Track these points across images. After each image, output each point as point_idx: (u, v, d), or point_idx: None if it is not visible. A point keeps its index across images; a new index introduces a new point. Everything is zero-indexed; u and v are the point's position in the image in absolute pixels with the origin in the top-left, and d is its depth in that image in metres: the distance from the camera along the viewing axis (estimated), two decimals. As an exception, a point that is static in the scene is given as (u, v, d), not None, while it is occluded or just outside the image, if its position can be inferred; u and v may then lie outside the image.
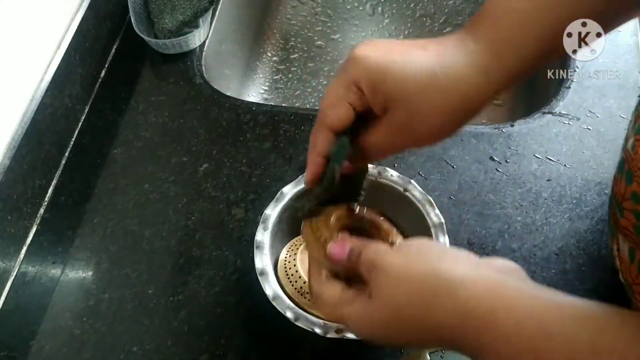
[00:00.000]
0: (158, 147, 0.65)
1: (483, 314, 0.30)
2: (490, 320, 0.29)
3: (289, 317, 0.45)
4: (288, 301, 0.47)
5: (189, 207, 0.60)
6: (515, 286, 0.31)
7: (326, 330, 0.44)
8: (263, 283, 0.47)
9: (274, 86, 0.92)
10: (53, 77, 0.61)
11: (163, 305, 0.53)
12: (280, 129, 0.65)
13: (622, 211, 0.41)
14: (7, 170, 0.55)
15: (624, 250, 0.42)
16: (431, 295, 0.31)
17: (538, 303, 0.29)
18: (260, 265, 0.48)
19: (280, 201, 0.51)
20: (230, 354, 0.50)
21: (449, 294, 0.31)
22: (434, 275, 0.32)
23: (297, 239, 0.53)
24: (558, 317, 0.28)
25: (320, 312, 0.43)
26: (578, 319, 0.28)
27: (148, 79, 0.71)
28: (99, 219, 0.60)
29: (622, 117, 0.63)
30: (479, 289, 0.30)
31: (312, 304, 0.47)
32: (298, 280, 0.49)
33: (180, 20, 0.71)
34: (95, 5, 0.69)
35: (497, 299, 0.30)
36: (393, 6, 0.96)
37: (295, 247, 0.52)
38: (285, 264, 0.50)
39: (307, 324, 0.45)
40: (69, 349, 0.52)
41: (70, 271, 0.56)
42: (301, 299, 0.48)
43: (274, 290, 0.47)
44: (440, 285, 0.31)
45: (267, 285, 0.47)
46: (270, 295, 0.46)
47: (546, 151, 0.61)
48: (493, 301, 0.30)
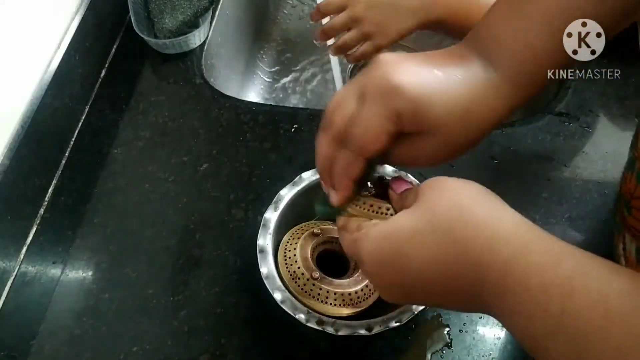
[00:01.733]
0: (158, 147, 0.65)
1: (512, 252, 0.29)
2: (522, 252, 0.29)
3: (277, 298, 0.46)
4: (279, 283, 0.47)
5: (189, 207, 0.60)
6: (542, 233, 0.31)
7: (308, 319, 0.45)
8: (260, 261, 0.48)
9: (274, 86, 0.92)
10: (53, 77, 0.61)
11: (163, 305, 0.53)
12: (280, 129, 0.65)
13: (630, 209, 0.41)
14: (7, 170, 0.55)
15: (630, 249, 0.42)
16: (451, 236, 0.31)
17: (571, 248, 0.29)
18: (262, 243, 0.49)
19: (298, 184, 0.53)
20: (230, 354, 0.50)
21: (472, 235, 0.31)
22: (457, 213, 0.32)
23: (304, 224, 0.53)
24: (591, 259, 0.28)
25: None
26: (608, 266, 0.28)
27: (148, 79, 0.71)
28: (99, 219, 0.60)
29: (622, 117, 0.63)
30: (506, 229, 0.31)
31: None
32: (294, 264, 0.49)
33: (180, 20, 0.71)
34: (95, 5, 0.69)
35: (531, 238, 0.30)
36: (393, 6, 0.96)
37: (300, 231, 0.52)
38: (285, 247, 0.51)
39: (291, 309, 0.46)
40: (69, 349, 0.52)
41: (70, 271, 0.56)
42: (292, 283, 0.48)
43: (268, 270, 0.48)
44: (467, 227, 0.31)
45: (264, 263, 0.48)
46: (264, 273, 0.48)
47: (546, 151, 0.61)
48: (526, 239, 0.30)
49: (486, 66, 0.36)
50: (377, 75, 0.35)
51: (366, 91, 0.35)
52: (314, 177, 0.53)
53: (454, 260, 0.31)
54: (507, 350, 0.49)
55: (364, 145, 0.36)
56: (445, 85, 0.35)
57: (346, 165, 0.37)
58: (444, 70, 0.36)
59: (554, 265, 0.28)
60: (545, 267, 0.28)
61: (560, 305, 0.26)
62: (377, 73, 0.35)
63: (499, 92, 0.36)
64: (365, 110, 0.35)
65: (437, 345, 0.50)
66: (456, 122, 0.35)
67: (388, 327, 0.44)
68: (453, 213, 0.32)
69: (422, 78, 0.35)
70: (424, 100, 0.34)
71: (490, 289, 0.30)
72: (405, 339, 0.50)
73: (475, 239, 0.30)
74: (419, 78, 0.35)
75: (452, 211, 0.32)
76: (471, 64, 0.36)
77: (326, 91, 0.90)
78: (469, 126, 0.36)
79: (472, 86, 0.36)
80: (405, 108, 0.34)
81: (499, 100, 0.36)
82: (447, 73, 0.36)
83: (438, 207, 0.33)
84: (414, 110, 0.34)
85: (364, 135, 0.35)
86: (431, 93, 0.34)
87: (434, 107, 0.34)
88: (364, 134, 0.35)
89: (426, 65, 0.36)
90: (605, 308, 0.25)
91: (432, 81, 0.35)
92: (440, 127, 0.35)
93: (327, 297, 0.47)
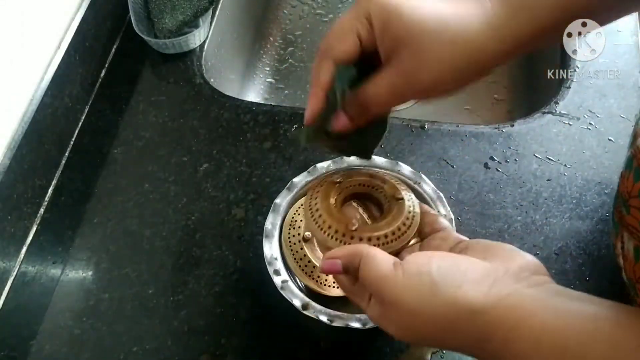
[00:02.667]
0: (158, 147, 0.65)
1: (503, 336, 0.30)
2: (510, 338, 0.30)
3: (277, 284, 0.47)
4: (280, 265, 0.48)
5: (189, 207, 0.60)
6: (532, 299, 0.31)
7: (304, 306, 0.46)
8: (265, 244, 0.49)
9: (274, 86, 0.92)
10: (53, 77, 0.61)
11: (163, 305, 0.53)
12: (280, 129, 0.65)
13: (628, 208, 0.41)
14: (7, 170, 0.55)
15: (628, 248, 0.42)
16: (450, 326, 0.31)
17: (556, 316, 0.30)
18: (269, 226, 0.50)
19: (292, 190, 0.52)
20: (230, 354, 0.50)
21: (469, 321, 0.31)
22: (453, 307, 0.31)
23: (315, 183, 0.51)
24: (573, 331, 0.29)
25: None
26: (593, 331, 0.28)
27: (148, 79, 0.71)
28: (99, 219, 0.60)
29: (622, 117, 0.63)
30: (498, 312, 0.30)
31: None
32: (297, 244, 0.49)
33: (180, 20, 0.71)
34: (95, 5, 0.69)
35: (516, 319, 0.30)
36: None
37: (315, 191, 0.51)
38: (290, 221, 0.51)
39: (289, 295, 0.46)
40: (69, 349, 0.52)
41: (70, 271, 0.56)
42: (293, 264, 0.49)
43: (271, 254, 0.48)
44: (460, 316, 0.31)
45: (267, 246, 0.49)
46: (267, 256, 0.48)
47: (546, 151, 0.61)
48: (513, 321, 0.30)
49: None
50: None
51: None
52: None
53: (451, 348, 0.33)
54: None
55: (332, 45, 0.36)
56: (427, 1, 0.35)
57: (317, 70, 0.37)
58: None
59: None
60: (529, 355, 0.29)
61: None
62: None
63: (488, 17, 0.34)
64: (344, 16, 0.37)
65: (437, 345, 0.50)
66: (428, 37, 0.34)
67: None
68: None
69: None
70: (395, 6, 0.34)
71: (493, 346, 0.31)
72: (405, 339, 0.50)
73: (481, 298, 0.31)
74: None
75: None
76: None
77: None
78: (442, 43, 0.34)
79: (455, 8, 0.34)
80: (374, 10, 0.35)
81: (485, 24, 0.34)
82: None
83: (411, 331, 0.33)
84: (383, 15, 0.34)
85: (332, 35, 0.36)
86: (404, 2, 0.34)
87: (403, 14, 0.34)
88: (333, 34, 0.36)
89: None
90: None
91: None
92: (408, 39, 0.34)
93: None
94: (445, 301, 0.31)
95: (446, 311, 0.31)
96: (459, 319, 0.31)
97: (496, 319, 0.30)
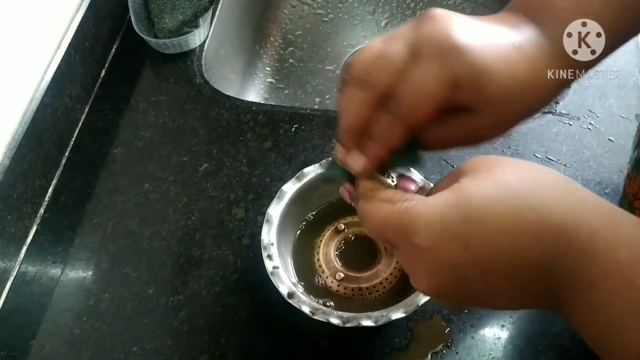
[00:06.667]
0: (158, 147, 0.65)
1: (604, 216, 0.27)
2: (611, 222, 0.27)
3: (267, 268, 0.47)
4: (275, 251, 0.48)
5: (189, 207, 0.60)
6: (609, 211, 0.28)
7: (313, 312, 0.45)
8: (264, 227, 0.50)
9: (274, 86, 0.92)
10: (53, 77, 0.61)
11: (163, 305, 0.53)
12: (280, 129, 0.65)
13: (633, 210, 0.40)
14: (7, 170, 0.55)
15: None
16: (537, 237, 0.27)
17: None
18: (272, 212, 0.51)
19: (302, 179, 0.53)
20: (230, 354, 0.50)
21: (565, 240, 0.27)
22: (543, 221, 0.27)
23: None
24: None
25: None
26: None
27: (148, 79, 0.71)
28: (99, 219, 0.60)
29: (622, 117, 0.63)
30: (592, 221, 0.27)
31: None
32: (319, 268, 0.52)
33: (180, 20, 0.71)
34: (95, 5, 0.69)
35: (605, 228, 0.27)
36: (393, 6, 0.96)
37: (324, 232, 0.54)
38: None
39: (277, 281, 0.47)
40: (69, 349, 0.52)
41: (70, 271, 0.56)
42: None
43: (268, 239, 0.49)
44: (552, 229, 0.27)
45: (266, 230, 0.50)
46: (264, 241, 0.49)
47: (546, 151, 0.61)
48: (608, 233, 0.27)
49: (539, 34, 0.32)
50: (433, 30, 0.30)
51: (420, 47, 0.30)
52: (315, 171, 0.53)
53: (533, 227, 0.27)
54: (507, 350, 0.49)
55: (412, 108, 0.30)
56: (508, 52, 0.30)
57: (386, 129, 0.31)
58: (501, 34, 0.31)
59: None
60: (635, 240, 0.26)
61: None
62: (433, 27, 0.30)
63: (553, 62, 0.32)
64: (420, 68, 0.29)
65: (437, 345, 0.50)
66: (517, 100, 0.30)
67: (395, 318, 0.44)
68: (527, 182, 0.28)
69: (484, 41, 0.30)
70: (488, 68, 0.29)
71: (570, 261, 0.27)
72: (405, 338, 0.50)
73: (559, 206, 0.27)
74: (481, 40, 0.29)
75: (526, 180, 0.29)
76: (524, 30, 0.32)
77: (327, 91, 0.90)
78: (526, 105, 0.31)
79: (531, 54, 0.31)
80: (465, 73, 0.29)
81: (553, 66, 0.32)
82: (504, 38, 0.30)
83: (508, 177, 0.29)
84: (475, 78, 0.29)
85: (414, 98, 0.30)
86: (495, 60, 0.29)
87: (497, 77, 0.29)
88: (415, 95, 0.30)
89: (484, 27, 0.31)
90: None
91: (494, 45, 0.30)
92: (498, 102, 0.30)
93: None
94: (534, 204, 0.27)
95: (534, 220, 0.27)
96: (544, 196, 0.27)
97: (588, 204, 0.27)
